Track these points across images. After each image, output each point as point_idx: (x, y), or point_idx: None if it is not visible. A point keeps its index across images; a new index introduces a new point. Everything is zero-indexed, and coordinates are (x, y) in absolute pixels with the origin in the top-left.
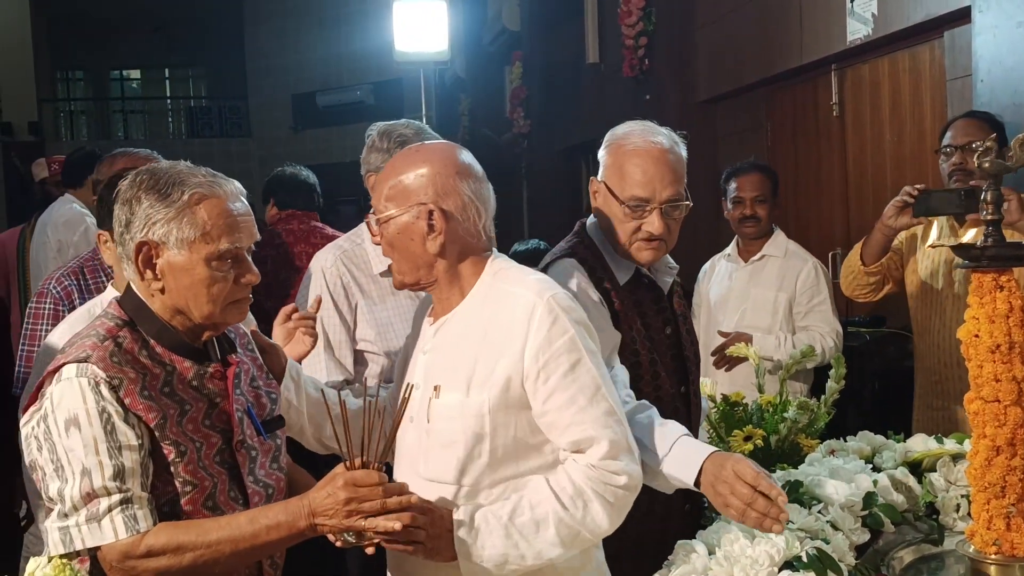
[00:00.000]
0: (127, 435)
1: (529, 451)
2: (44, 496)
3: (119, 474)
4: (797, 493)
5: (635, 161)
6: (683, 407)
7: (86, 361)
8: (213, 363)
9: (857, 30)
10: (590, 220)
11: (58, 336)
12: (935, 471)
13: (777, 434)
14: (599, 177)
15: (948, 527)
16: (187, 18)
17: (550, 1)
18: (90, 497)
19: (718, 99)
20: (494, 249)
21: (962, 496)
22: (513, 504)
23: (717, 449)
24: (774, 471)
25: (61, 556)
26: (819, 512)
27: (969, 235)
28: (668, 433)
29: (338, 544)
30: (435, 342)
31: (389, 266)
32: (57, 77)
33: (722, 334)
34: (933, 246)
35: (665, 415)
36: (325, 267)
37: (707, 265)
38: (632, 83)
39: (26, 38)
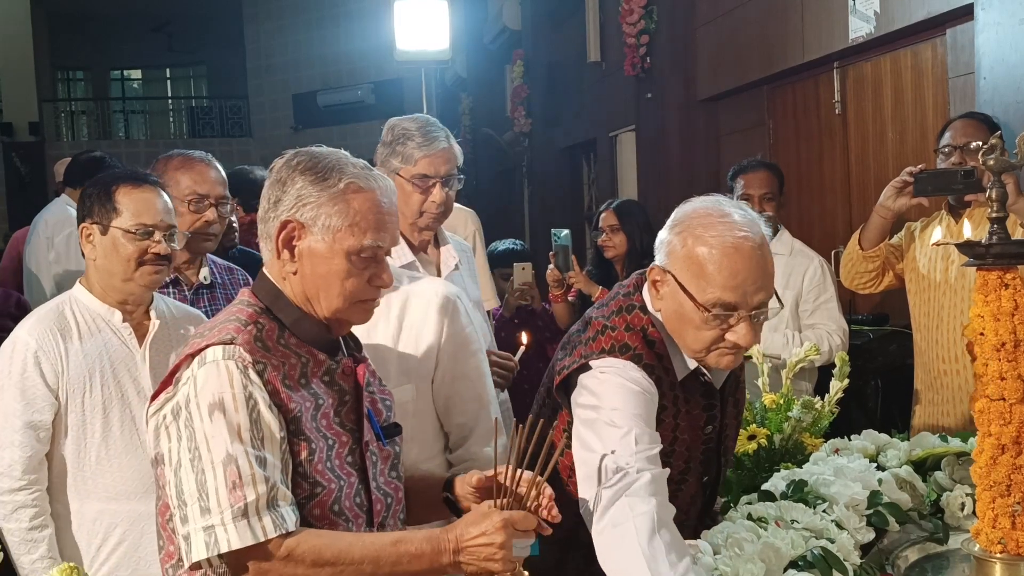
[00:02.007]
0: (271, 425)
1: None
2: (173, 498)
3: (264, 465)
4: (802, 492)
5: (720, 260)
6: (700, 496)
7: (232, 343)
8: (345, 358)
9: (859, 28)
10: (652, 308)
11: (26, 329)
12: (940, 470)
13: (781, 433)
14: (662, 264)
15: (953, 526)
16: (188, 18)
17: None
18: (235, 489)
19: (720, 97)
20: None
21: (967, 495)
22: None
23: None
24: (778, 470)
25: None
26: (824, 511)
27: (966, 230)
28: None
29: None
30: None
31: None
32: (58, 77)
33: None
34: (937, 244)
35: (680, 507)
36: None
37: None
38: (634, 81)
39: (27, 38)
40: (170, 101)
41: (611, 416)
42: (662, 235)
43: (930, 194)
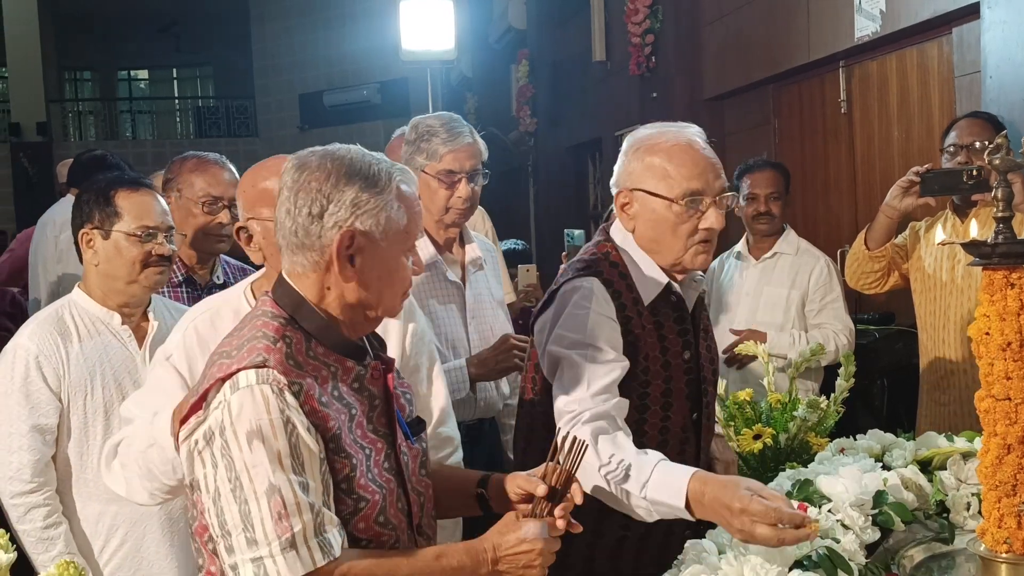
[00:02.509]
0: (311, 447)
1: None
2: (215, 526)
3: (308, 491)
4: (807, 492)
5: (679, 157)
6: (693, 435)
7: (265, 365)
8: (372, 361)
9: (865, 26)
10: (616, 230)
11: (26, 335)
12: (945, 469)
13: (787, 433)
14: (626, 186)
15: (959, 525)
16: (194, 18)
17: None
18: (281, 520)
19: (725, 96)
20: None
21: (973, 494)
22: None
23: (696, 471)
24: (783, 469)
25: None
26: (829, 511)
27: (973, 230)
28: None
29: None
30: None
31: None
32: (65, 78)
33: (734, 332)
34: (943, 243)
35: (672, 445)
36: None
37: (715, 263)
38: (639, 81)
39: (34, 38)
40: (177, 101)
41: (571, 353)
42: (617, 168)
43: (936, 194)
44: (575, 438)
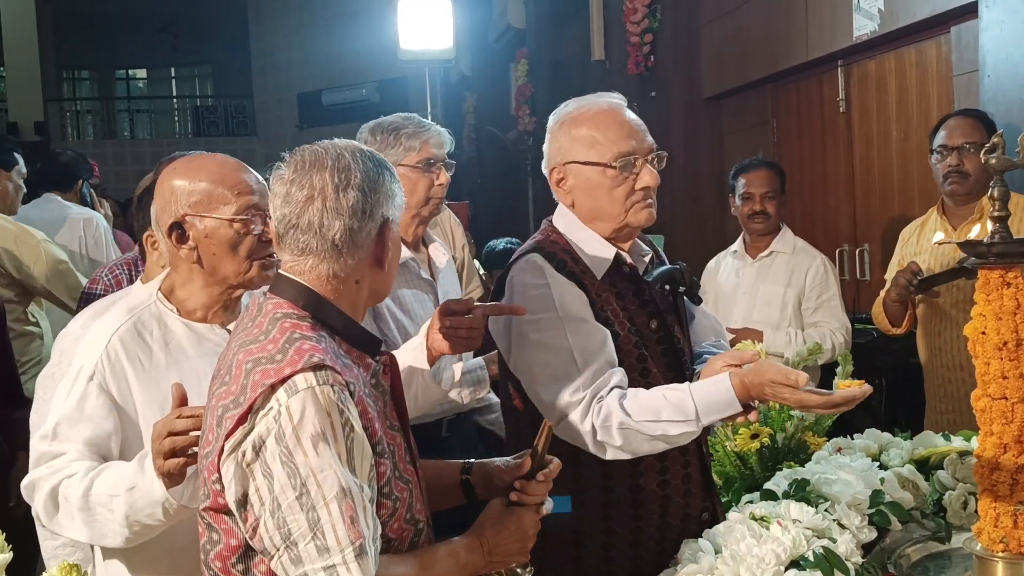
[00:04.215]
0: (365, 450)
1: None
2: (272, 540)
3: (365, 496)
4: (804, 491)
5: (604, 122)
6: None
7: (324, 366)
8: (383, 354)
9: (863, 25)
10: (557, 217)
11: (79, 324)
12: (942, 468)
13: (784, 432)
14: (558, 161)
15: (955, 525)
16: (192, 17)
17: None
18: (353, 524)
19: (724, 95)
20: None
21: (969, 493)
22: None
23: (729, 374)
24: (780, 469)
25: None
26: (826, 511)
27: (974, 231)
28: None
29: None
30: None
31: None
32: (63, 77)
33: (731, 330)
34: (940, 243)
35: None
36: None
37: (712, 263)
38: (637, 80)
39: (32, 38)
40: (175, 100)
41: (546, 336)
42: (545, 148)
43: (931, 287)
44: (543, 422)
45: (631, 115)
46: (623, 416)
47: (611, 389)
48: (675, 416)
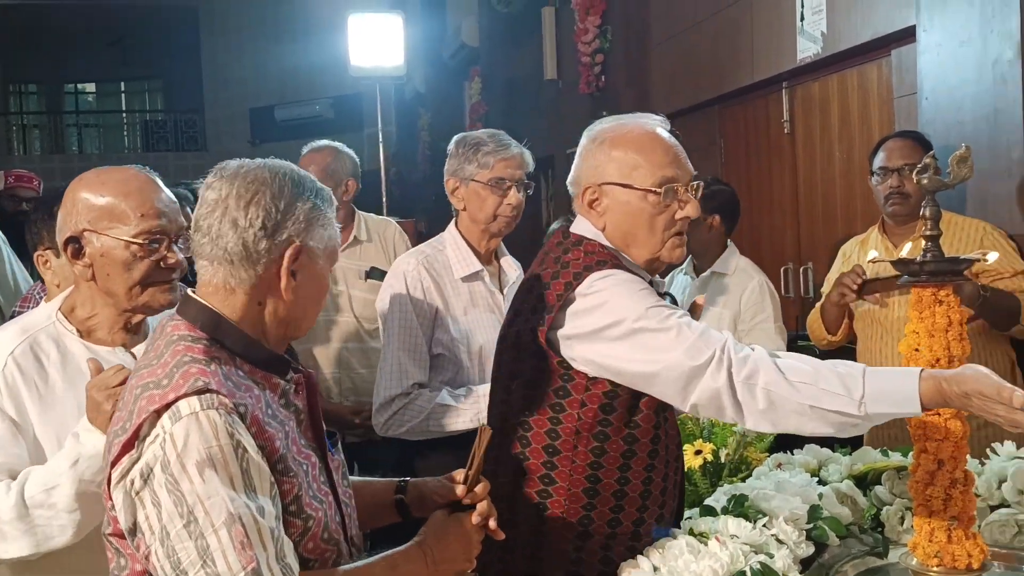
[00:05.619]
0: (262, 470)
1: None
2: (165, 569)
3: (265, 516)
4: (742, 507)
5: (649, 146)
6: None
7: (208, 389)
8: (295, 374)
9: (807, 48)
10: (582, 232)
11: None
12: (880, 484)
13: (727, 448)
14: (593, 181)
15: (893, 540)
16: (143, 31)
17: (508, 18)
18: (244, 549)
19: (673, 116)
20: None
21: (907, 508)
22: None
23: (922, 369)
24: (722, 485)
25: None
26: (764, 526)
27: (906, 249)
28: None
29: None
30: None
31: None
32: (10, 91)
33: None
34: (873, 261)
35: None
36: (407, 271)
37: (667, 279)
38: (589, 100)
39: None
40: (124, 115)
41: (646, 322)
42: (577, 165)
43: (871, 293)
44: (484, 425)
45: (673, 139)
46: (774, 374)
47: (740, 351)
48: (835, 387)
